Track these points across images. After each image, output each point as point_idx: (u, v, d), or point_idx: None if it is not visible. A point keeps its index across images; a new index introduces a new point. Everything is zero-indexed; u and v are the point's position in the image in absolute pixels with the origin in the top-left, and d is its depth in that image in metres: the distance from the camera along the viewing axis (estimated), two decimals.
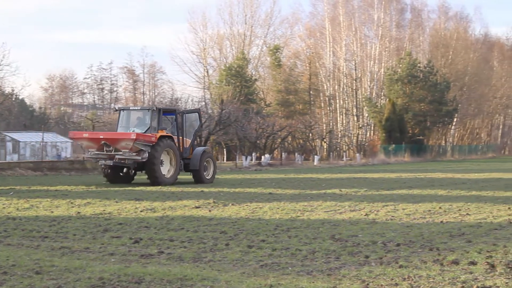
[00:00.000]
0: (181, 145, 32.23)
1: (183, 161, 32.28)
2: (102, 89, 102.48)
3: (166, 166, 31.31)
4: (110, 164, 30.72)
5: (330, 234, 14.01)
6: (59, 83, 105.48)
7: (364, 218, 17.24)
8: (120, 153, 30.05)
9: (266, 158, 58.70)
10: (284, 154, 66.78)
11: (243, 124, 58.92)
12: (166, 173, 31.19)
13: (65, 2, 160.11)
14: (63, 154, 57.43)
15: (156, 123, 31.15)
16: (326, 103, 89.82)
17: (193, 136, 34.02)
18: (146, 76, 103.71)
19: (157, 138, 30.32)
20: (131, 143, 29.66)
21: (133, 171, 32.22)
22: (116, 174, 31.93)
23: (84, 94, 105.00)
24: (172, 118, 32.82)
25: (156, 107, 31.92)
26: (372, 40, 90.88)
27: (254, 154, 60.40)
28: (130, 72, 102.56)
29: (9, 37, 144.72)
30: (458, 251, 11.95)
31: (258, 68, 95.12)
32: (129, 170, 31.97)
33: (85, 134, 33.32)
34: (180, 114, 33.15)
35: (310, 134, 71.27)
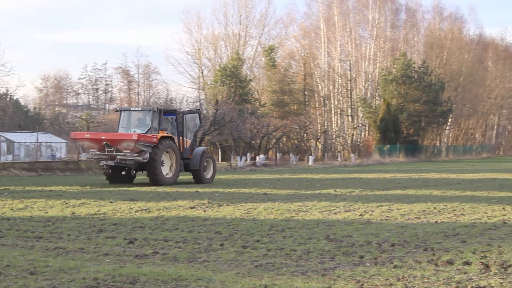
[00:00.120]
0: (181, 145, 32.41)
1: (183, 161, 32.49)
2: (97, 89, 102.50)
3: (167, 166, 31.54)
4: (112, 164, 30.91)
5: (324, 235, 14.01)
6: (54, 84, 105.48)
7: (358, 218, 17.25)
8: (121, 153, 30.28)
9: (260, 158, 58.70)
10: (278, 155, 66.75)
11: (238, 124, 58.93)
12: (167, 173, 31.43)
13: (59, 2, 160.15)
14: (58, 155, 57.40)
15: (156, 124, 31.38)
16: (320, 104, 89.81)
17: (193, 136, 34.26)
18: (140, 76, 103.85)
19: (158, 139, 30.55)
20: (133, 144, 29.85)
21: (134, 172, 32.48)
22: (117, 175, 32.17)
23: (78, 94, 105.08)
24: (172, 118, 33.07)
25: (157, 108, 32.14)
26: (366, 40, 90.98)
27: (248, 155, 60.38)
28: (125, 72, 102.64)
29: (3, 37, 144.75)
30: (453, 251, 11.97)
31: (253, 68, 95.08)
32: (130, 171, 32.28)
33: (86, 134, 33.57)
34: (180, 114, 33.27)
35: (305, 135, 71.30)
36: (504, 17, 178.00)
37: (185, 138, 32.99)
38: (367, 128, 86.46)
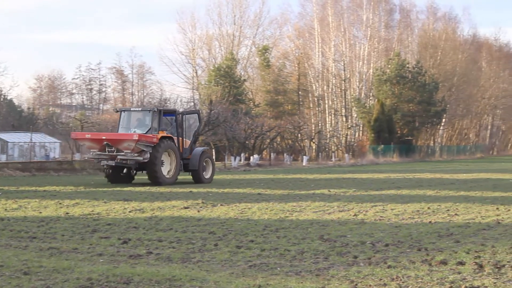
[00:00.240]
0: (181, 145, 32.63)
1: (183, 161, 32.69)
2: (91, 89, 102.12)
3: (167, 166, 31.80)
4: (112, 164, 31.08)
5: (319, 235, 14.02)
6: (48, 84, 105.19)
7: (353, 218, 17.26)
8: (122, 153, 30.49)
9: (255, 158, 58.66)
10: (273, 155, 66.68)
11: (232, 124, 58.88)
12: (167, 173, 31.68)
13: (54, 2, 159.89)
14: (52, 155, 57.22)
15: (156, 124, 31.63)
16: (315, 104, 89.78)
17: (192, 136, 34.43)
18: (135, 76, 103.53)
19: (158, 139, 30.76)
20: (133, 144, 30.08)
21: (134, 171, 32.67)
22: (117, 174, 32.34)
23: (72, 94, 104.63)
24: (172, 119, 33.22)
25: (157, 108, 32.43)
26: (361, 40, 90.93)
27: (243, 155, 60.31)
28: (119, 72, 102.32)
29: None
30: (447, 251, 11.98)
31: (247, 68, 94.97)
32: (130, 170, 32.47)
33: (87, 135, 33.82)
34: (180, 115, 33.47)
35: (299, 135, 71.24)
36: (498, 17, 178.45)
37: (184, 139, 33.19)
38: (361, 128, 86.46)
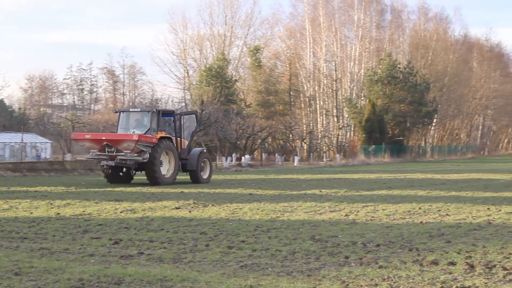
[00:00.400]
0: (179, 146, 32.86)
1: (181, 161, 32.88)
2: (82, 89, 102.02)
3: (166, 166, 32.04)
4: (112, 164, 31.27)
5: (310, 235, 14.03)
6: (39, 84, 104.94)
7: (344, 218, 17.27)
8: (121, 153, 30.69)
9: (246, 158, 58.66)
10: (264, 155, 66.73)
11: (223, 124, 58.91)
12: (166, 173, 31.93)
13: (45, 2, 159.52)
14: (43, 155, 57.10)
15: (155, 125, 31.89)
16: (306, 104, 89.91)
17: (190, 137, 34.57)
18: (126, 76, 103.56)
19: (157, 139, 30.96)
20: (133, 144, 30.27)
21: (133, 171, 32.84)
22: (116, 175, 32.50)
23: (63, 94, 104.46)
24: (170, 119, 33.38)
25: (156, 109, 32.73)
26: (352, 41, 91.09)
27: (234, 155, 60.32)
28: (110, 72, 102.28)
29: None
30: (438, 252, 12.00)
31: (238, 68, 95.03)
32: (129, 171, 32.71)
33: (87, 135, 33.99)
34: (178, 115, 33.66)
35: (290, 135, 71.28)
36: (489, 17, 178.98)
37: (182, 139, 33.35)
38: (353, 128, 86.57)
